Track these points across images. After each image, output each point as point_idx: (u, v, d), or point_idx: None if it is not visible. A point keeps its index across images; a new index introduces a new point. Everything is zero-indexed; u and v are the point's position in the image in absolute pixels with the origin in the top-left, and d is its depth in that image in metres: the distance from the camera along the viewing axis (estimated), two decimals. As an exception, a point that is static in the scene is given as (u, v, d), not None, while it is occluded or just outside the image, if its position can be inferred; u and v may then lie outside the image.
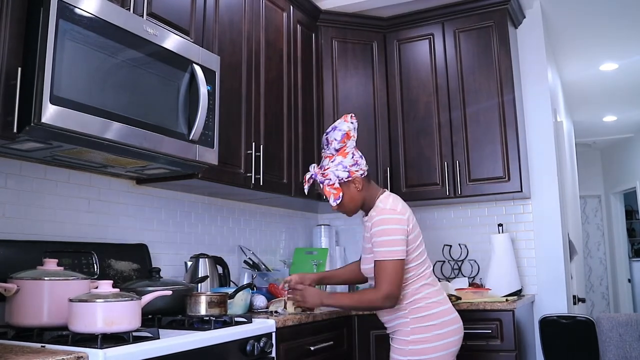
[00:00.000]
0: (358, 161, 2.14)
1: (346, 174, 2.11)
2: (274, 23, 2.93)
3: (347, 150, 2.13)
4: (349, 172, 2.11)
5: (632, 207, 8.40)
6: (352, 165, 2.12)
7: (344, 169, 2.11)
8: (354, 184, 2.13)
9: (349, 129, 2.13)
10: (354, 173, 2.11)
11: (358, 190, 2.13)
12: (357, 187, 2.13)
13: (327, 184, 2.12)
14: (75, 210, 2.19)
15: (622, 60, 4.71)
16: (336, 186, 2.12)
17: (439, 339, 2.02)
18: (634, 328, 2.85)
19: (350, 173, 2.11)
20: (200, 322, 1.94)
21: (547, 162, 3.38)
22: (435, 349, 2.01)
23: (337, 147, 2.13)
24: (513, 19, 3.37)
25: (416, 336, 2.03)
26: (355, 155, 2.14)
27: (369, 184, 2.17)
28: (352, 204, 2.16)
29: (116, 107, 1.80)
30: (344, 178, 2.11)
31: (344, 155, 2.13)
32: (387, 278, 1.99)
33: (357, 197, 2.14)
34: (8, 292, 1.59)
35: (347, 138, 2.13)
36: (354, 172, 2.11)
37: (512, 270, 3.15)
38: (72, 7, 1.67)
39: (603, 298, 8.16)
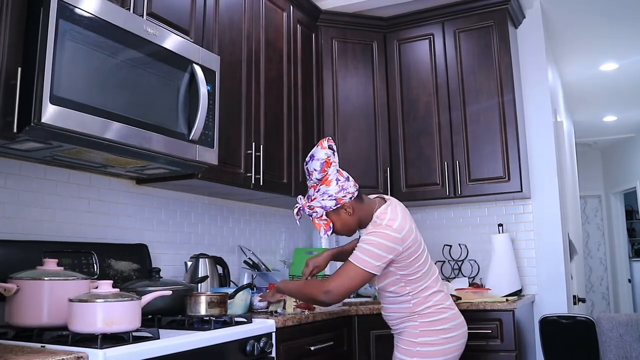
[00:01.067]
0: (344, 186, 2.05)
1: (333, 202, 2.04)
2: (274, 23, 2.93)
3: (330, 178, 2.05)
4: (336, 199, 2.04)
5: (632, 207, 8.40)
6: (338, 192, 2.03)
7: (330, 198, 2.03)
8: (344, 210, 2.06)
9: (327, 156, 2.04)
10: (341, 200, 2.04)
11: (350, 215, 2.07)
12: (348, 212, 2.06)
13: (315, 217, 2.06)
14: (75, 210, 2.19)
15: (622, 60, 4.71)
16: (324, 218, 2.06)
17: (446, 342, 2.04)
18: (634, 328, 2.85)
19: (337, 200, 2.04)
20: (200, 322, 1.94)
21: (547, 162, 3.38)
22: (442, 352, 2.03)
23: (318, 177, 2.05)
24: (513, 19, 3.37)
25: (424, 339, 2.04)
26: (340, 180, 2.05)
27: (361, 204, 2.09)
28: (346, 228, 2.10)
29: (116, 107, 1.80)
30: (332, 207, 2.04)
31: (328, 184, 2.04)
32: (341, 277, 1.95)
33: (349, 221, 2.08)
34: (8, 292, 1.59)
35: (327, 166, 2.04)
36: (341, 198, 2.04)
37: (512, 270, 3.15)
38: (72, 7, 1.67)
39: (603, 298, 8.16)
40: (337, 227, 2.09)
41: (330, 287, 1.94)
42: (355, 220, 2.09)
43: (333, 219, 2.07)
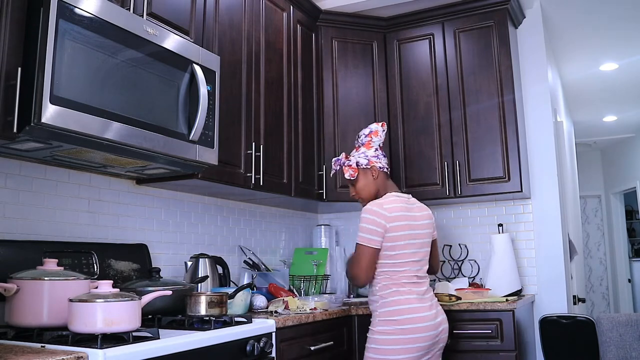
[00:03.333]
0: (379, 156, 2.44)
1: (366, 161, 2.41)
2: (274, 23, 2.93)
3: (372, 145, 2.45)
4: (369, 160, 2.41)
5: (632, 207, 8.39)
6: (374, 157, 2.42)
7: (365, 157, 2.42)
8: (372, 173, 2.42)
9: (377, 129, 2.46)
10: (372, 162, 2.41)
11: (374, 179, 2.42)
12: (373, 176, 2.42)
13: (347, 164, 2.44)
14: (75, 210, 2.19)
15: (622, 60, 4.71)
16: (353, 167, 2.43)
17: (401, 333, 2.18)
18: (634, 328, 2.85)
19: (369, 162, 2.41)
20: (200, 322, 1.94)
21: (547, 162, 3.38)
22: (395, 342, 2.17)
23: (363, 140, 2.46)
24: (513, 19, 3.37)
25: (380, 327, 2.23)
26: (378, 151, 2.46)
27: (387, 181, 2.45)
28: (366, 190, 2.42)
29: (116, 107, 1.80)
30: (363, 164, 2.42)
31: (368, 147, 2.45)
32: (357, 261, 2.26)
33: (371, 185, 2.42)
34: (8, 292, 1.59)
35: (374, 135, 2.45)
36: (373, 161, 2.41)
37: (512, 270, 3.15)
38: (72, 7, 1.67)
39: (603, 298, 8.16)
40: (360, 184, 2.44)
41: (354, 273, 2.28)
42: (375, 187, 2.42)
43: (360, 176, 2.44)
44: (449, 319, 2.65)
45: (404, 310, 2.21)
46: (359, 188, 2.44)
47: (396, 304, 2.22)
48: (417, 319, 2.19)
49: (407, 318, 2.19)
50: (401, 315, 2.20)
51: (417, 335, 2.18)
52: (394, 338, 2.18)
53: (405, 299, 2.23)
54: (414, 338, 2.17)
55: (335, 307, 2.65)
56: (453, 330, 2.68)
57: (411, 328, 2.18)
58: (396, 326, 2.19)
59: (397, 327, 2.19)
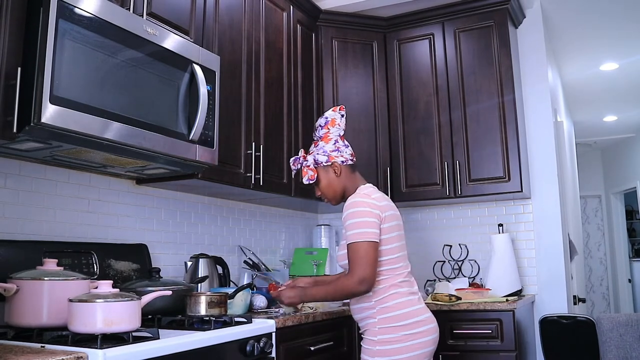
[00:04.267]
0: (340, 148, 2.18)
1: (325, 158, 2.16)
2: (274, 23, 2.93)
3: (330, 137, 2.19)
4: (328, 156, 2.16)
5: (633, 207, 8.39)
6: (333, 151, 2.17)
7: (324, 153, 2.17)
8: (333, 169, 2.17)
9: (334, 117, 2.21)
10: (333, 158, 2.16)
11: (337, 176, 2.17)
12: (335, 173, 2.17)
13: (305, 165, 2.19)
14: (75, 210, 2.19)
15: (622, 60, 4.71)
16: (312, 167, 2.18)
17: (409, 339, 1.96)
18: (635, 328, 2.85)
19: (329, 158, 2.16)
20: (200, 322, 1.94)
21: (547, 162, 3.37)
22: (404, 350, 1.95)
23: (320, 133, 2.22)
24: (513, 19, 3.37)
25: (384, 336, 1.97)
26: (338, 142, 2.19)
27: (352, 174, 2.20)
28: (331, 189, 2.19)
29: (116, 107, 1.79)
30: (323, 162, 2.17)
31: (327, 141, 2.19)
32: (359, 261, 1.95)
33: (335, 183, 2.18)
34: (8, 292, 1.59)
35: (331, 125, 2.20)
36: (333, 157, 2.16)
37: (512, 270, 3.15)
38: (72, 7, 1.67)
39: (603, 298, 8.16)
40: (322, 184, 2.19)
41: (360, 275, 1.94)
42: (340, 184, 2.18)
43: (321, 176, 2.19)
44: (449, 319, 2.66)
45: (408, 313, 1.98)
46: (322, 188, 2.19)
47: (398, 308, 1.98)
48: (422, 322, 2.00)
49: (413, 322, 1.97)
50: (407, 319, 1.97)
51: (425, 339, 1.98)
52: (401, 346, 1.94)
53: (406, 301, 2.01)
54: (423, 343, 1.97)
55: (335, 307, 2.65)
56: (453, 330, 2.69)
57: (418, 332, 1.97)
58: (402, 332, 1.96)
59: (403, 334, 1.95)
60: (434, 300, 2.77)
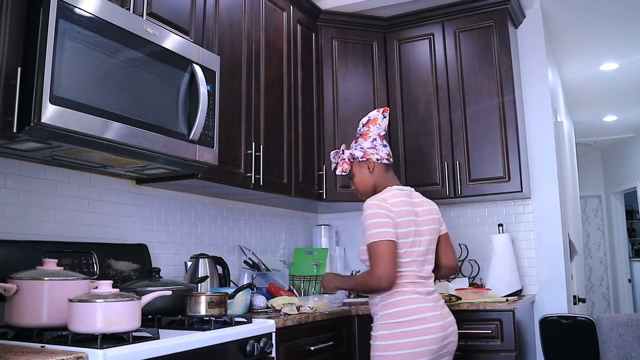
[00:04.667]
0: (377, 147, 2.26)
1: (361, 153, 2.25)
2: (274, 23, 2.93)
3: (370, 135, 2.28)
4: (364, 153, 2.25)
5: (633, 207, 8.39)
6: (369, 148, 2.25)
7: (361, 149, 2.26)
8: (367, 166, 2.25)
9: (376, 117, 2.30)
10: (368, 155, 2.24)
11: (370, 173, 2.25)
12: (369, 169, 2.25)
13: (341, 158, 2.29)
14: (75, 210, 2.19)
15: (622, 60, 4.71)
16: (347, 161, 2.28)
17: (407, 336, 1.99)
18: (635, 328, 2.85)
19: (365, 154, 2.24)
20: (200, 322, 1.94)
21: (547, 162, 3.37)
22: (399, 347, 1.98)
23: (361, 130, 2.31)
24: (513, 19, 3.37)
25: (381, 332, 2.06)
26: (376, 141, 2.27)
27: (385, 173, 2.27)
28: (362, 184, 2.27)
29: (116, 107, 1.79)
30: (359, 157, 2.25)
31: (365, 138, 2.28)
32: (378, 259, 2.00)
33: (367, 179, 2.26)
34: (8, 292, 1.59)
35: (372, 123, 2.29)
36: (368, 154, 2.24)
37: (512, 270, 3.15)
38: (72, 7, 1.67)
39: (603, 298, 8.16)
40: (356, 178, 2.29)
41: (379, 273, 2.01)
42: (372, 181, 2.26)
43: (355, 170, 2.28)
44: (449, 319, 2.65)
45: (406, 311, 2.02)
46: (356, 182, 2.29)
47: (398, 305, 2.04)
48: (421, 320, 2.01)
49: (409, 320, 2.01)
50: (404, 317, 2.02)
51: (422, 338, 1.99)
52: (397, 343, 1.99)
53: (407, 299, 2.04)
54: (419, 341, 1.98)
55: (335, 307, 2.65)
56: (453, 330, 2.68)
57: (415, 330, 1.99)
58: (399, 329, 2.01)
59: (400, 331, 2.00)
60: (434, 300, 2.77)
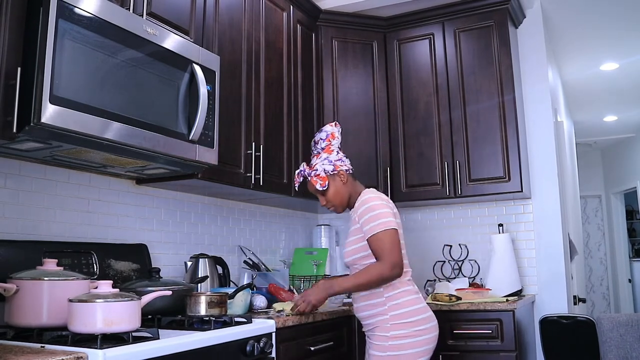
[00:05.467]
0: (342, 158, 2.34)
1: (331, 167, 2.30)
2: (274, 23, 2.93)
3: (332, 148, 2.35)
4: (334, 165, 2.30)
5: (633, 207, 8.39)
6: (337, 160, 2.32)
7: (330, 163, 2.31)
8: (339, 177, 2.31)
9: (332, 131, 2.36)
10: (338, 167, 2.31)
11: (343, 183, 2.31)
12: (342, 180, 2.31)
13: (314, 174, 2.30)
14: (74, 210, 2.19)
15: (622, 60, 4.71)
16: (322, 176, 2.29)
17: (418, 334, 2.10)
18: (635, 328, 2.85)
19: (335, 167, 2.30)
20: (200, 322, 1.94)
21: (547, 162, 3.37)
22: (414, 345, 2.09)
23: (322, 145, 2.35)
24: (513, 19, 3.37)
25: (396, 332, 2.11)
26: (340, 153, 2.36)
27: (354, 181, 2.36)
28: (339, 197, 2.31)
29: (116, 107, 1.79)
30: (330, 171, 2.30)
31: (329, 152, 2.34)
32: (388, 247, 2.10)
33: (342, 190, 2.31)
34: (7, 292, 1.59)
35: (331, 138, 2.35)
36: (338, 166, 2.31)
37: (513, 270, 3.15)
38: (72, 7, 1.67)
39: (603, 298, 8.16)
40: (330, 192, 2.31)
41: (391, 261, 2.09)
42: (346, 191, 2.32)
43: (330, 184, 2.31)
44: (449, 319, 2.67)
45: (416, 310, 2.14)
46: (330, 196, 2.30)
47: (408, 305, 2.14)
48: (427, 319, 2.15)
49: (421, 318, 2.13)
50: (416, 315, 2.12)
51: (430, 336, 2.13)
52: (412, 341, 2.09)
53: (414, 299, 2.16)
54: (429, 339, 2.12)
55: (335, 307, 2.65)
56: (453, 330, 2.68)
57: (426, 328, 2.12)
58: (413, 328, 2.10)
59: (413, 329, 2.10)
60: (434, 300, 2.77)
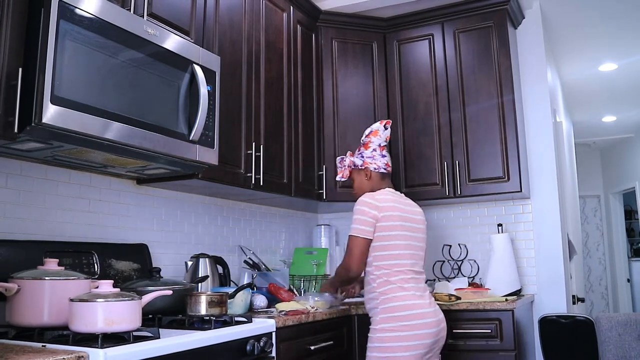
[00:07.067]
0: (375, 157, 2.43)
1: (360, 161, 2.45)
2: (274, 23, 2.94)
3: (371, 145, 2.46)
4: (364, 161, 2.44)
5: (632, 207, 8.40)
6: (368, 157, 2.44)
7: (361, 158, 2.46)
8: (365, 173, 2.44)
9: (377, 129, 2.48)
10: (367, 163, 2.43)
11: (367, 179, 2.44)
12: (366, 176, 2.44)
13: (343, 164, 2.50)
14: (75, 210, 2.19)
15: (621, 60, 4.71)
16: (348, 168, 2.48)
17: (405, 329, 2.15)
18: (633, 328, 2.85)
19: (364, 163, 2.44)
20: (200, 322, 1.94)
21: (546, 162, 3.38)
22: (400, 339, 2.14)
23: (364, 140, 2.49)
24: (512, 20, 3.37)
25: (383, 325, 2.19)
26: (376, 151, 2.45)
27: (382, 181, 2.45)
28: (360, 189, 2.46)
29: (117, 107, 1.80)
30: (358, 165, 2.45)
31: (366, 147, 2.47)
32: (349, 252, 2.28)
33: (364, 185, 2.45)
34: (9, 291, 1.59)
35: (373, 135, 2.47)
36: (367, 162, 2.43)
37: (512, 270, 3.15)
38: (73, 8, 1.67)
39: (602, 298, 8.17)
40: (355, 184, 2.50)
41: (345, 263, 2.30)
42: (368, 187, 2.44)
43: (354, 176, 2.49)
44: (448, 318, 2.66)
45: (406, 306, 2.18)
46: (355, 187, 2.50)
47: (398, 300, 2.19)
48: (420, 315, 2.17)
49: (410, 314, 2.16)
50: (404, 310, 2.17)
51: (420, 332, 2.15)
52: (398, 335, 2.14)
53: (406, 295, 2.20)
54: (418, 335, 2.15)
55: (335, 307, 2.65)
56: (453, 329, 2.69)
57: (414, 324, 2.15)
58: (399, 322, 2.16)
59: (400, 324, 2.15)
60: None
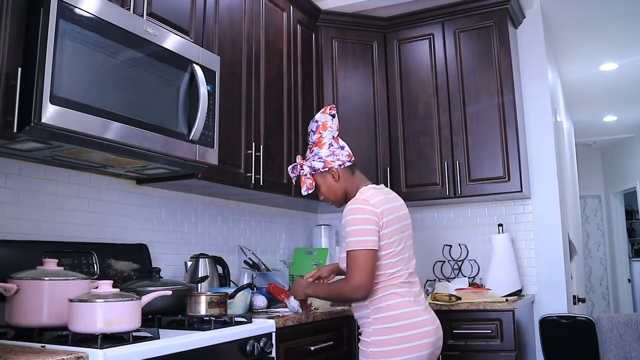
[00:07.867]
0: (335, 152, 2.13)
1: (321, 164, 2.12)
2: (274, 23, 2.93)
3: (324, 142, 2.14)
4: (324, 162, 2.12)
5: (632, 207, 8.39)
6: (328, 156, 2.12)
7: (320, 160, 2.12)
8: (331, 175, 2.13)
9: (324, 120, 2.16)
10: (329, 164, 2.11)
11: (335, 181, 2.13)
12: (334, 178, 2.13)
13: (302, 174, 2.16)
14: (75, 210, 2.19)
15: (622, 60, 4.71)
16: (309, 176, 2.15)
17: (402, 342, 1.91)
18: (634, 328, 2.85)
19: (325, 164, 2.12)
20: (200, 322, 1.94)
21: (547, 162, 3.38)
22: (396, 352, 1.91)
23: (314, 138, 2.17)
24: (513, 19, 3.37)
25: (376, 338, 1.94)
26: (333, 146, 2.14)
27: (351, 176, 2.15)
28: (332, 194, 2.16)
29: (116, 107, 1.80)
30: (320, 169, 2.13)
31: (320, 146, 2.14)
32: (356, 268, 1.91)
33: (335, 187, 2.14)
34: (8, 292, 1.59)
35: (322, 129, 2.15)
36: (329, 162, 2.11)
37: (512, 270, 3.15)
38: (72, 7, 1.67)
39: (603, 298, 8.16)
40: (322, 190, 2.17)
41: (356, 283, 1.91)
42: (341, 188, 2.14)
43: (319, 182, 2.15)
44: (448, 319, 2.66)
45: (400, 315, 1.93)
46: (324, 193, 2.17)
47: (391, 309, 1.94)
48: (415, 324, 1.93)
49: (405, 324, 1.92)
50: (398, 321, 1.93)
51: (417, 343, 1.91)
52: (393, 349, 1.90)
53: (399, 302, 1.95)
54: (415, 346, 1.91)
55: (336, 307, 2.65)
56: (453, 330, 2.69)
57: (410, 335, 1.91)
58: (394, 335, 1.92)
59: (394, 336, 1.91)
60: (433, 300, 2.78)
